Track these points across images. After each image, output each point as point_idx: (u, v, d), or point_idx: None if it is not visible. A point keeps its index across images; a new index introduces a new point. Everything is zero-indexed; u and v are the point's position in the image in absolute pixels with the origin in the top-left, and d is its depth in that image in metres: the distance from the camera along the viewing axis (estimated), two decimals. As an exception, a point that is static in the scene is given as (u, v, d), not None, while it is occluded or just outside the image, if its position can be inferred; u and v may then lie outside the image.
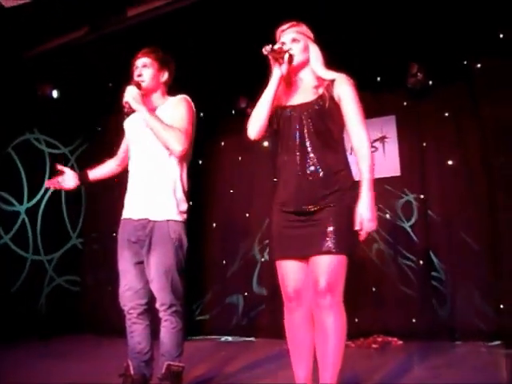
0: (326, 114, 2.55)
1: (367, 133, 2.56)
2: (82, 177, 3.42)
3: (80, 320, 6.66)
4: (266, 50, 2.50)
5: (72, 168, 5.93)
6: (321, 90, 2.59)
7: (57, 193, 6.81)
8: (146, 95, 3.13)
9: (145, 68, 3.16)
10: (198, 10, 4.67)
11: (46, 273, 6.84)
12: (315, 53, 2.69)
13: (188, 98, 3.22)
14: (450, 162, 5.61)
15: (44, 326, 6.33)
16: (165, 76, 3.25)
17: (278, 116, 2.67)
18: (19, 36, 5.02)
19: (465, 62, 5.47)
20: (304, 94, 2.65)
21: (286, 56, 2.56)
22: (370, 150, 2.53)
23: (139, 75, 3.15)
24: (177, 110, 3.13)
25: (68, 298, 6.91)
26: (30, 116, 6.44)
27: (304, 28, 2.72)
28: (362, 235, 2.46)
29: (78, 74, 5.90)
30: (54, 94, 6.09)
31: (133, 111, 3.02)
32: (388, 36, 5.11)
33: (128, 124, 3.29)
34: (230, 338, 6.04)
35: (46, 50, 5.24)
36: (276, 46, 2.55)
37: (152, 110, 3.08)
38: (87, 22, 4.92)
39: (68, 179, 3.38)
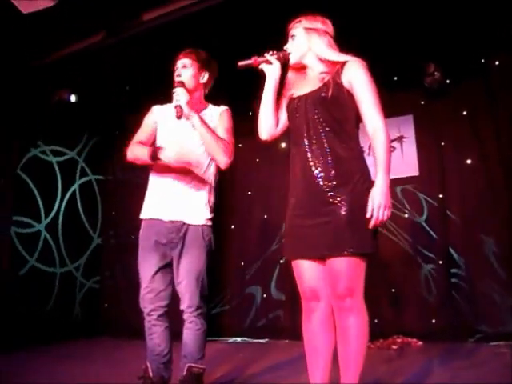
0: (331, 102, 2.44)
1: (382, 118, 2.39)
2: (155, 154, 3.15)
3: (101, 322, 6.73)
4: (239, 65, 2.60)
5: (82, 169, 6.00)
6: (326, 78, 2.49)
7: (72, 199, 6.91)
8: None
9: (184, 69, 3.16)
10: (213, 13, 4.69)
11: (75, 280, 6.95)
12: (316, 38, 2.58)
13: (229, 110, 3.28)
14: (468, 161, 5.57)
15: (80, 330, 6.52)
16: (205, 77, 3.23)
17: (288, 108, 2.64)
18: (34, 43, 5.07)
19: (482, 60, 5.45)
20: (311, 82, 2.57)
21: (270, 57, 2.59)
22: (387, 136, 2.36)
23: (178, 75, 3.14)
24: (222, 121, 3.19)
25: (99, 298, 7.07)
26: (33, 130, 6.40)
27: (303, 21, 2.62)
28: (373, 223, 2.29)
29: (95, 78, 5.95)
30: (72, 98, 6.12)
31: (183, 116, 2.96)
32: (404, 35, 5.10)
33: (163, 117, 3.23)
34: (249, 340, 6.04)
35: (62, 56, 5.29)
36: (248, 61, 2.60)
37: (200, 117, 3.03)
38: (104, 27, 4.96)
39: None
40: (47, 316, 6.35)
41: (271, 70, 2.61)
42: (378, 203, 2.27)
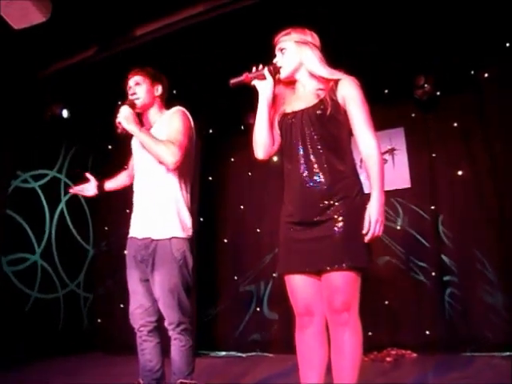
0: (327, 118, 2.43)
1: (375, 137, 2.41)
2: (100, 187, 3.49)
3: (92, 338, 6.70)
4: (231, 83, 2.59)
5: (66, 184, 5.95)
6: (322, 94, 2.49)
7: (61, 218, 6.84)
8: (143, 112, 3.19)
9: (138, 86, 3.19)
10: (206, 28, 4.71)
11: (79, 297, 6.95)
12: (309, 53, 2.57)
13: (183, 109, 3.22)
14: (459, 173, 5.60)
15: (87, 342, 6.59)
16: (159, 90, 3.27)
17: (280, 124, 2.60)
18: (28, 58, 5.08)
19: (472, 72, 5.48)
20: (305, 99, 2.55)
21: (265, 71, 2.56)
22: (381, 156, 2.40)
23: (133, 94, 3.18)
24: (171, 122, 3.13)
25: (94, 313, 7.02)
26: (12, 160, 6.12)
27: (293, 34, 2.60)
28: (368, 238, 2.32)
29: (87, 93, 5.96)
30: (65, 113, 6.10)
31: (125, 131, 3.01)
32: (394, 48, 5.15)
33: (133, 143, 3.33)
34: (242, 354, 6.00)
35: (54, 71, 5.30)
36: (240, 78, 2.59)
37: (149, 126, 3.13)
38: (96, 42, 4.98)
39: (90, 188, 3.48)
40: (59, 337, 6.41)
41: (264, 86, 2.59)
42: (375, 219, 2.31)
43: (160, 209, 3.06)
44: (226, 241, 6.66)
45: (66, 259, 6.83)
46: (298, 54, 2.58)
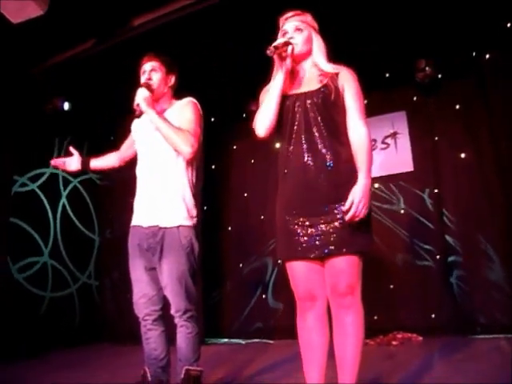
0: (330, 103, 2.47)
1: (367, 130, 2.45)
2: (85, 163, 3.45)
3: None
4: (271, 50, 2.46)
5: (64, 179, 5.84)
6: (325, 80, 2.52)
7: (64, 213, 6.84)
8: (155, 99, 3.12)
9: (153, 72, 3.17)
10: (205, 16, 4.69)
11: (91, 287, 7.04)
12: (318, 44, 2.62)
13: (194, 100, 3.21)
14: (462, 155, 5.59)
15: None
16: (172, 80, 3.26)
17: (281, 106, 2.57)
18: (27, 51, 5.07)
19: (473, 54, 5.46)
20: (308, 83, 2.57)
21: (289, 48, 2.50)
22: (370, 144, 2.44)
23: (149, 78, 3.14)
24: (184, 112, 3.12)
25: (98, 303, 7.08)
26: (11, 166, 6.12)
27: (308, 17, 2.65)
28: (348, 217, 2.30)
29: (88, 85, 5.95)
30: (66, 106, 6.10)
31: (142, 113, 3.01)
32: (394, 32, 5.11)
33: (136, 127, 3.30)
34: (247, 341, 6.02)
35: (54, 64, 5.30)
36: (278, 42, 2.51)
37: (160, 113, 3.06)
38: (95, 34, 4.97)
39: (72, 162, 3.43)
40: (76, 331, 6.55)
41: (285, 64, 2.53)
42: (358, 199, 2.31)
43: (168, 197, 3.04)
44: (230, 228, 6.68)
45: (74, 253, 6.87)
46: (311, 39, 2.63)
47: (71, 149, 3.44)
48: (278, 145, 2.97)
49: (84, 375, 4.46)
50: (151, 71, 3.17)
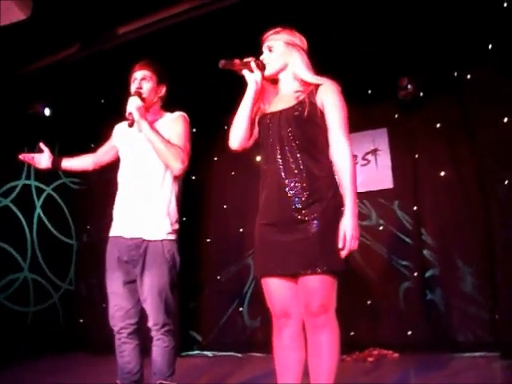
0: (305, 120, 2.43)
1: (349, 144, 2.42)
2: (56, 162, 3.37)
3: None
4: (221, 64, 2.52)
5: (37, 188, 5.68)
6: (302, 96, 2.49)
7: (40, 223, 6.72)
8: (145, 108, 3.04)
9: (144, 81, 3.11)
10: (190, 27, 4.69)
11: (72, 294, 6.96)
12: (296, 56, 2.57)
13: (185, 115, 3.18)
14: (442, 173, 5.63)
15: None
16: (163, 91, 3.21)
17: (259, 123, 2.60)
18: (7, 56, 5.02)
19: (455, 74, 5.50)
20: (285, 100, 2.55)
21: (253, 64, 2.53)
22: (353, 163, 2.40)
23: (139, 87, 3.08)
24: (175, 126, 3.08)
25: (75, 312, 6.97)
26: None
27: (283, 34, 2.62)
28: (344, 253, 2.31)
29: (70, 91, 5.91)
30: (47, 111, 6.04)
31: (134, 123, 2.95)
32: (378, 49, 5.14)
33: (120, 133, 3.24)
34: (223, 354, 5.96)
35: (36, 69, 5.25)
36: (230, 62, 2.55)
37: (151, 124, 3.00)
38: (78, 40, 4.94)
39: (42, 159, 3.34)
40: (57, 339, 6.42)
41: (253, 77, 2.55)
42: (350, 235, 2.30)
43: (154, 210, 2.99)
44: (208, 240, 6.64)
45: (53, 262, 6.76)
46: (285, 54, 2.59)
47: (41, 145, 3.36)
48: (258, 158, 2.97)
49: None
50: (142, 80, 3.11)
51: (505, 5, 4.36)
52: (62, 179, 7.01)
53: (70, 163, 3.43)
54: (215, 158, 6.79)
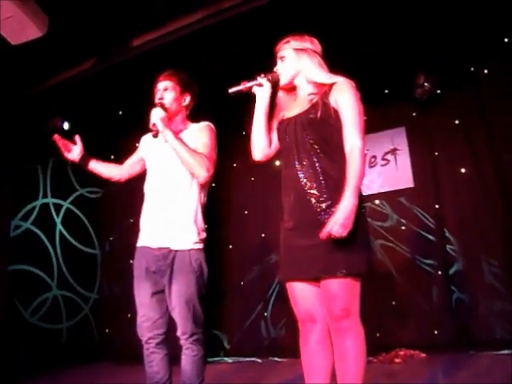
0: (319, 122, 2.46)
1: (362, 140, 2.39)
2: (84, 159, 3.32)
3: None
4: (230, 92, 2.64)
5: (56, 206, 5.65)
6: (315, 99, 2.52)
7: (63, 240, 6.78)
8: (168, 118, 3.06)
9: (166, 91, 3.13)
10: (204, 36, 4.72)
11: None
12: (306, 60, 2.61)
13: (211, 125, 3.20)
14: (462, 170, 5.59)
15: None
16: (187, 100, 3.22)
17: (278, 130, 2.65)
18: (25, 73, 5.08)
19: (471, 69, 5.47)
20: (300, 104, 2.60)
21: (260, 79, 2.62)
22: (362, 158, 2.36)
23: (160, 98, 3.11)
24: (201, 136, 3.10)
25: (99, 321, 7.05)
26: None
27: (292, 42, 2.65)
28: (324, 234, 2.25)
29: (88, 105, 5.97)
30: (66, 126, 6.11)
31: (159, 133, 2.97)
32: (393, 48, 5.14)
33: (146, 145, 3.27)
34: (251, 359, 5.97)
35: (53, 85, 5.31)
36: (238, 88, 2.65)
37: (176, 134, 3.02)
38: (94, 54, 4.99)
39: (74, 150, 3.28)
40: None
41: (261, 92, 2.64)
42: (335, 219, 2.25)
43: (181, 219, 3.00)
44: (230, 247, 6.66)
45: (80, 275, 6.87)
46: (296, 61, 2.63)
47: (77, 137, 3.30)
48: (277, 163, 2.97)
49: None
50: (164, 91, 3.14)
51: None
52: (79, 191, 7.07)
53: (97, 166, 3.38)
54: (234, 165, 6.80)
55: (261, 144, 2.68)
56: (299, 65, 2.62)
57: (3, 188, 5.79)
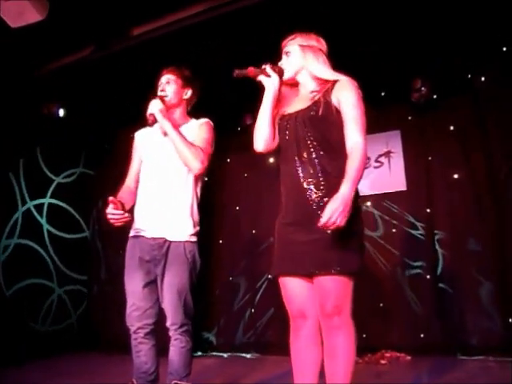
0: (320, 120, 2.46)
1: (364, 139, 2.38)
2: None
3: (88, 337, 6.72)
4: (236, 73, 2.60)
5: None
6: (317, 96, 2.52)
7: (54, 238, 6.82)
8: (168, 111, 3.11)
9: (168, 84, 3.19)
10: (203, 29, 4.70)
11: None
12: (311, 56, 2.61)
13: (211, 122, 3.23)
14: (455, 176, 5.60)
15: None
16: (188, 93, 3.26)
17: (278, 125, 2.65)
18: (25, 56, 5.05)
19: (468, 76, 5.49)
20: (302, 101, 2.60)
21: (269, 69, 2.59)
22: (363, 157, 2.35)
23: (162, 90, 3.17)
24: (200, 132, 3.14)
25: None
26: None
27: (298, 38, 2.67)
28: (321, 223, 2.19)
29: (85, 93, 5.94)
30: (61, 112, 6.09)
31: (155, 123, 3.03)
32: (391, 51, 5.14)
33: (143, 138, 3.28)
34: (237, 355, 5.99)
35: (51, 70, 5.28)
36: (244, 71, 2.61)
37: (175, 126, 3.06)
38: (93, 41, 4.97)
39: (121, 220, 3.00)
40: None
41: (270, 81, 2.60)
42: (335, 207, 2.19)
43: (177, 211, 3.03)
44: (221, 242, 6.66)
45: (76, 263, 7.01)
46: (301, 57, 2.63)
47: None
48: (271, 160, 2.97)
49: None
50: (166, 83, 3.20)
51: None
52: (55, 180, 6.96)
53: (127, 207, 3.09)
54: (228, 160, 6.80)
55: (265, 136, 2.63)
56: (304, 61, 2.62)
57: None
